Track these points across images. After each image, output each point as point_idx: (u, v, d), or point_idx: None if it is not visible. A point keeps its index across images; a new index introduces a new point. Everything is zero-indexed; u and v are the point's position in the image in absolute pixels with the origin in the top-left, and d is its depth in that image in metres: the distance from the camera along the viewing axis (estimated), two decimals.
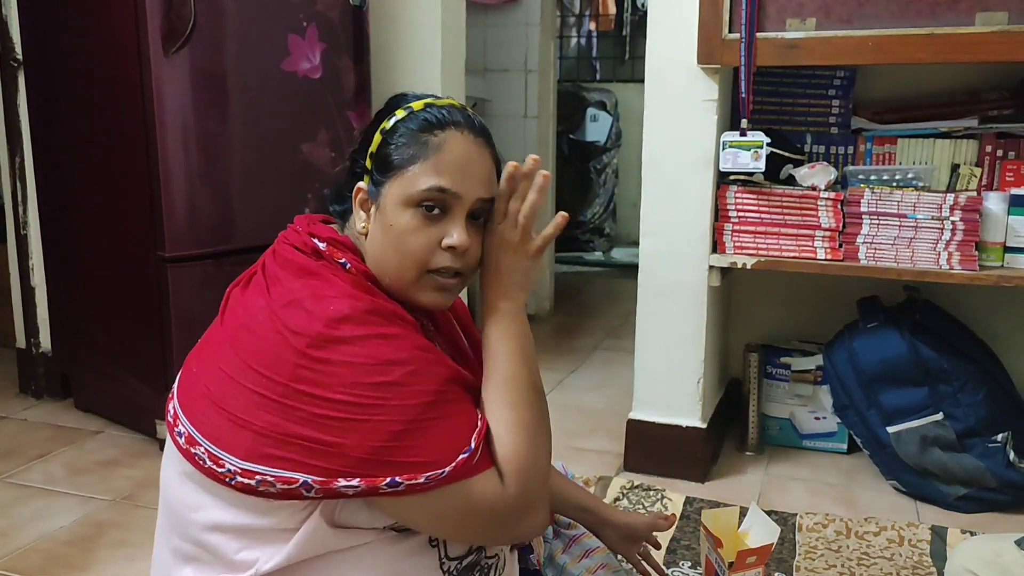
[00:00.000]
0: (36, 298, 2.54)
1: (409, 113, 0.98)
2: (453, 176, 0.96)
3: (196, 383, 0.95)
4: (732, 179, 1.95)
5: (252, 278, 1.00)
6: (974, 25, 1.70)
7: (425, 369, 0.90)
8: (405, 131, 0.97)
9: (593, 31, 5.57)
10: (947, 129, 2.00)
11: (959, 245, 1.80)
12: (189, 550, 0.95)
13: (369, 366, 0.87)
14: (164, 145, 1.97)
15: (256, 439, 0.88)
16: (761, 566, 1.38)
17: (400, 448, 0.87)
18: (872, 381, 1.97)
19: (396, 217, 0.96)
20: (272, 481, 0.87)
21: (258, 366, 0.89)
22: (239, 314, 0.96)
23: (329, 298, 0.91)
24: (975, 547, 1.34)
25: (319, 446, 0.86)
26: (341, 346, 0.88)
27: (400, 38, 2.50)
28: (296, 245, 0.99)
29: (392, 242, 0.96)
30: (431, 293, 0.98)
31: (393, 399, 0.87)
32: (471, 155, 0.97)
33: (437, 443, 0.88)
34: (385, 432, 0.86)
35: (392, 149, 0.97)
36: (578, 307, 3.90)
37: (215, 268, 2.09)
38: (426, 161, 0.95)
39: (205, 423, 0.92)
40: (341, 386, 0.87)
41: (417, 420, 0.88)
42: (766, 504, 1.91)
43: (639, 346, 2.09)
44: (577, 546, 1.28)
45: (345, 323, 0.89)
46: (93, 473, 2.06)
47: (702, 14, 1.86)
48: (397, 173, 0.96)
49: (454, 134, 0.97)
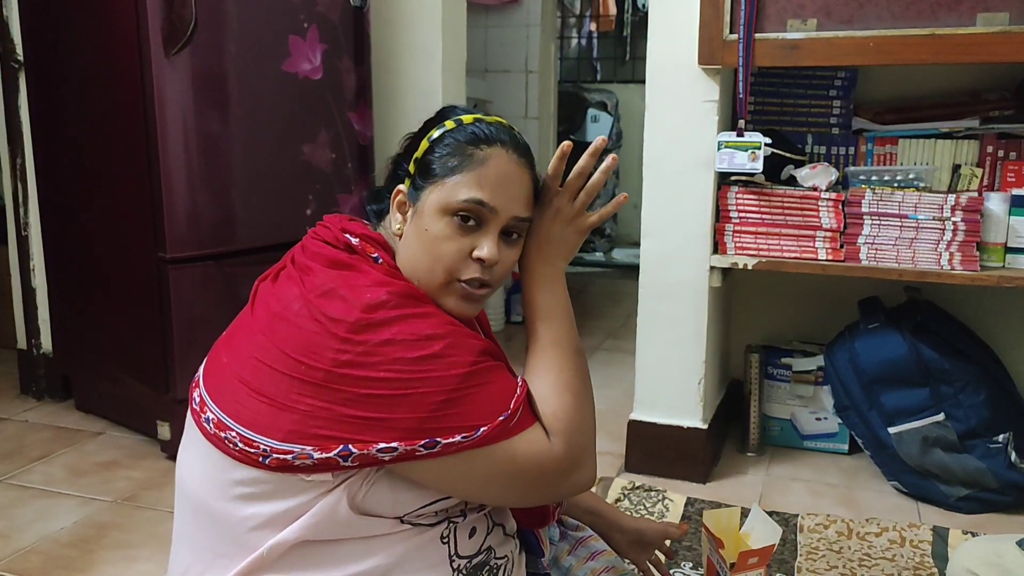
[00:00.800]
0: (37, 299, 2.54)
1: (458, 125, 1.01)
2: (493, 191, 0.98)
3: (226, 371, 0.97)
4: (733, 180, 1.95)
5: (281, 272, 1.02)
6: (975, 26, 1.70)
7: (462, 342, 0.93)
8: (452, 141, 1.00)
9: (594, 32, 5.56)
10: (948, 130, 2.00)
11: (960, 246, 1.80)
12: (216, 543, 0.95)
13: (410, 342, 0.90)
14: (165, 146, 1.97)
15: (300, 420, 0.89)
16: (763, 567, 1.38)
17: (444, 416, 0.89)
18: (873, 382, 1.97)
19: (432, 223, 0.99)
20: (310, 453, 0.88)
21: (296, 354, 0.91)
22: (272, 304, 0.98)
23: (364, 287, 0.94)
24: (977, 548, 1.34)
25: (366, 423, 0.88)
26: (381, 328, 0.90)
27: (401, 39, 2.50)
28: (328, 240, 1.01)
29: (425, 246, 0.99)
30: (457, 301, 1.01)
31: (435, 371, 0.90)
32: (512, 173, 1.00)
33: (478, 408, 0.91)
34: (430, 403, 0.89)
35: (437, 157, 1.00)
36: (579, 308, 3.87)
37: (216, 269, 2.09)
38: (469, 173, 0.98)
39: (239, 409, 0.93)
40: (384, 364, 0.89)
41: (459, 389, 0.90)
42: (767, 505, 1.91)
43: (640, 347, 2.09)
44: (583, 548, 1.28)
45: (382, 308, 0.92)
46: (94, 474, 2.06)
47: (703, 15, 1.86)
48: (438, 181, 0.99)
49: (499, 151, 0.99)
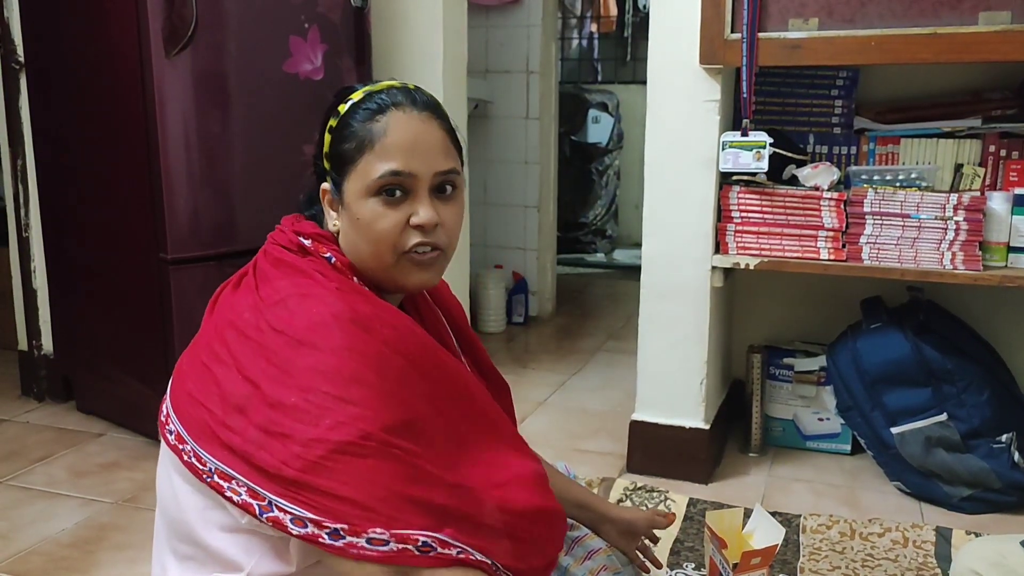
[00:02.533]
0: (38, 300, 2.54)
1: (350, 106, 0.99)
2: (405, 156, 0.96)
3: (185, 382, 0.96)
4: (735, 179, 1.95)
5: (243, 279, 1.01)
6: (977, 25, 1.69)
7: (385, 404, 0.87)
8: (348, 124, 0.98)
9: (594, 33, 5.56)
10: (950, 129, 1.99)
11: (963, 245, 1.80)
12: (185, 550, 0.96)
13: (330, 375, 0.86)
14: (166, 147, 1.97)
15: (232, 440, 0.88)
16: (765, 567, 1.37)
17: (327, 470, 0.83)
18: (876, 382, 1.96)
19: (360, 209, 0.97)
20: (238, 489, 0.86)
21: (236, 365, 0.90)
22: (226, 311, 0.97)
23: (315, 299, 0.91)
24: (980, 548, 1.34)
25: (260, 449, 0.85)
26: (311, 351, 0.87)
27: (402, 39, 2.50)
28: (283, 244, 1.00)
29: (362, 233, 0.97)
30: (413, 274, 0.99)
31: (334, 414, 0.84)
32: (418, 132, 0.97)
33: (347, 488, 0.83)
34: (306, 459, 0.83)
35: (341, 145, 0.98)
36: (580, 309, 3.89)
37: (217, 270, 2.08)
38: (373, 149, 0.96)
39: (190, 421, 0.92)
40: (298, 389, 0.86)
41: (343, 450, 0.84)
42: (769, 505, 1.91)
43: (642, 347, 2.08)
44: (580, 547, 1.27)
45: (322, 328, 0.88)
46: (95, 476, 2.06)
47: (704, 14, 1.85)
48: (351, 168, 0.97)
49: (395, 115, 0.97)
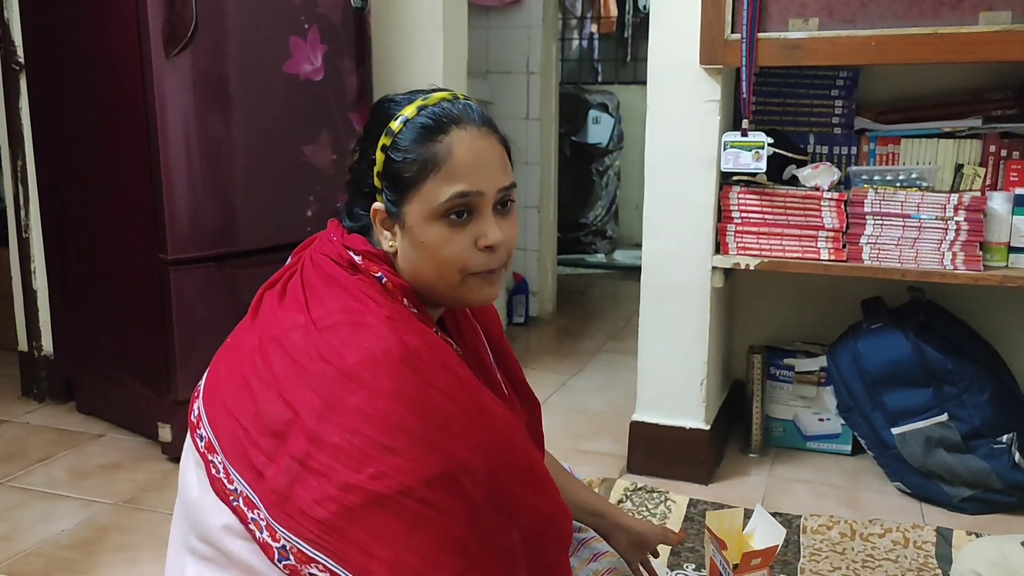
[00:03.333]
0: (38, 301, 2.54)
1: (404, 123, 0.94)
2: (470, 177, 0.93)
3: (221, 389, 0.94)
4: (735, 180, 1.94)
5: (288, 283, 0.98)
6: (978, 25, 1.69)
7: (427, 455, 0.85)
8: (407, 144, 0.93)
9: (595, 33, 5.55)
10: (951, 129, 1.99)
11: (963, 245, 1.80)
12: (205, 551, 0.94)
13: (377, 421, 0.84)
14: (166, 147, 1.97)
15: (265, 463, 0.87)
16: (766, 568, 1.37)
17: (362, 521, 0.82)
18: (876, 382, 1.96)
19: (425, 233, 0.94)
20: (260, 522, 0.86)
21: (277, 387, 0.88)
22: (273, 326, 0.93)
23: (366, 329, 0.88)
24: (981, 549, 1.33)
25: (294, 483, 0.84)
26: (360, 390, 0.85)
27: (402, 40, 2.50)
28: (333, 257, 0.97)
29: (427, 257, 0.95)
30: (478, 291, 0.97)
31: (377, 463, 0.83)
32: (480, 149, 0.94)
33: (380, 549, 0.82)
34: (342, 504, 0.82)
35: (400, 166, 0.94)
36: (580, 310, 3.89)
37: (217, 271, 2.08)
38: (439, 172, 0.92)
39: (223, 433, 0.91)
40: (342, 429, 0.84)
41: (380, 502, 0.82)
42: (770, 506, 1.90)
43: (642, 348, 2.08)
44: (586, 549, 1.27)
45: (372, 365, 0.86)
46: (95, 477, 2.06)
47: (704, 14, 1.85)
48: (413, 191, 0.93)
49: (458, 134, 0.93)
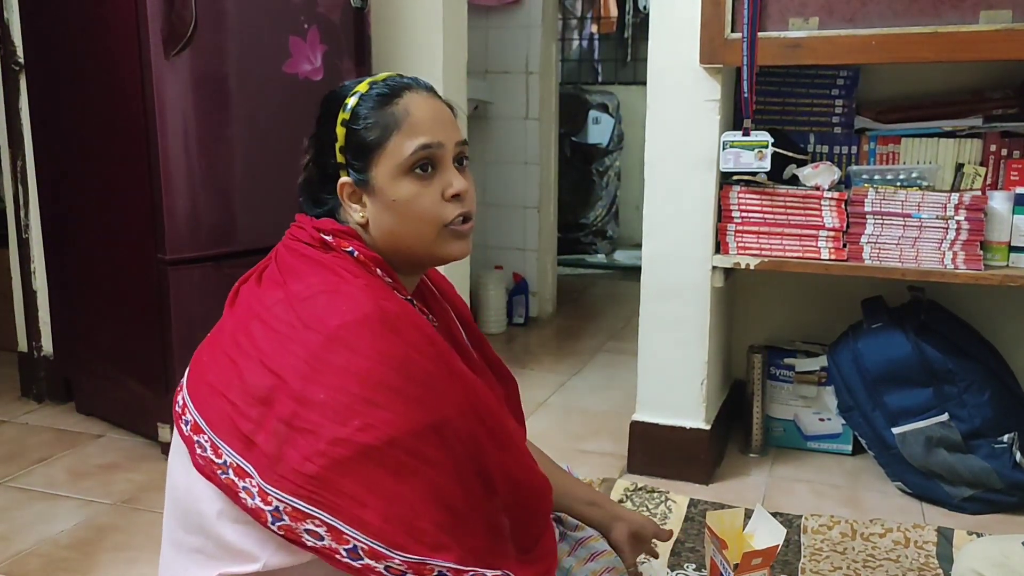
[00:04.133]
0: (38, 301, 2.54)
1: (360, 97, 1.01)
2: (431, 130, 1.00)
3: (206, 373, 0.97)
4: (735, 179, 1.94)
5: (263, 272, 1.02)
6: (978, 23, 1.69)
7: (412, 409, 0.89)
8: (366, 112, 1.00)
9: (595, 33, 5.55)
10: (951, 128, 1.99)
11: (964, 245, 1.79)
12: (194, 542, 0.95)
13: (360, 376, 0.87)
14: (165, 147, 1.97)
15: (252, 430, 0.89)
16: (766, 568, 1.37)
17: (352, 472, 0.85)
18: (877, 382, 1.96)
19: (396, 190, 0.99)
20: (252, 490, 0.87)
21: (261, 357, 0.91)
22: (253, 305, 0.97)
23: (344, 295, 0.93)
24: (982, 549, 1.33)
25: (283, 443, 0.87)
26: (343, 351, 0.88)
27: (401, 40, 2.49)
28: (304, 240, 1.01)
29: (401, 214, 1.00)
30: (453, 244, 1.02)
31: (363, 415, 0.87)
32: (434, 107, 1.02)
33: (373, 498, 0.86)
34: (330, 458, 0.85)
35: (363, 133, 1.00)
36: (580, 310, 3.89)
37: (216, 271, 2.08)
38: (400, 129, 0.99)
39: (209, 410, 0.93)
40: (327, 387, 0.87)
41: (367, 454, 0.86)
42: (770, 506, 1.90)
43: (642, 347, 2.08)
44: (583, 549, 1.26)
45: (353, 328, 0.89)
46: (94, 477, 2.05)
47: (705, 14, 1.85)
48: (378, 151, 0.99)
49: (411, 95, 1.01)
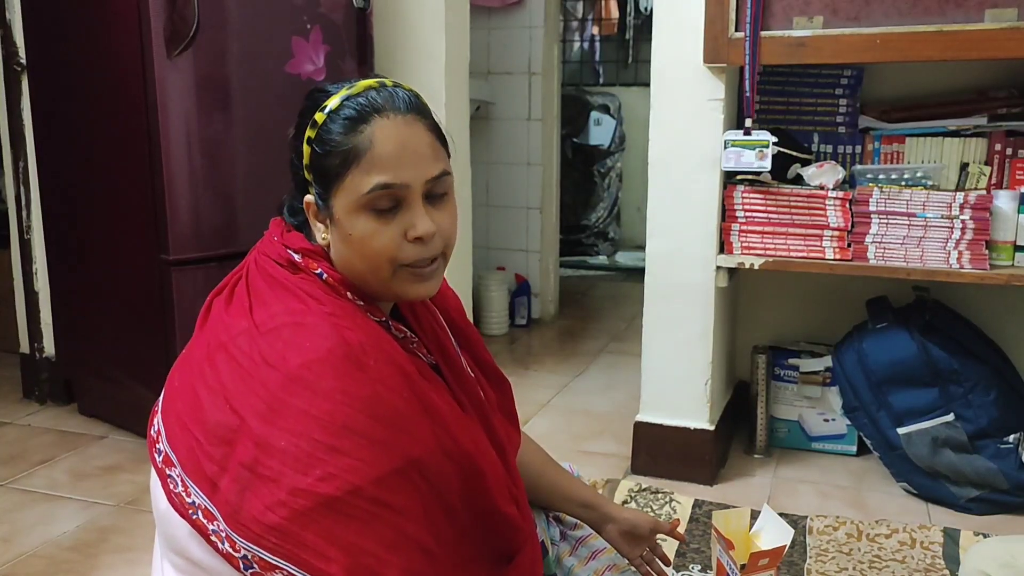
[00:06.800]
0: (40, 303, 2.54)
1: (328, 115, 0.92)
2: (394, 167, 0.90)
3: (176, 401, 0.93)
4: (739, 179, 1.94)
5: (235, 289, 0.97)
6: (983, 22, 1.68)
7: (378, 453, 0.83)
8: (329, 136, 0.91)
9: (596, 35, 5.56)
10: (956, 127, 1.98)
11: (969, 244, 1.79)
12: (179, 563, 0.93)
13: (323, 423, 0.82)
14: (167, 148, 1.97)
15: (217, 472, 0.85)
16: (773, 568, 1.36)
17: (314, 524, 0.81)
18: (882, 382, 1.95)
19: (352, 225, 0.92)
20: (220, 533, 0.84)
21: (224, 393, 0.87)
22: (220, 332, 0.93)
23: (308, 329, 0.87)
24: (989, 549, 1.32)
25: (245, 489, 0.83)
26: (304, 392, 0.84)
27: (404, 40, 2.49)
28: (274, 258, 0.96)
29: (356, 250, 0.93)
30: (412, 286, 0.95)
31: (330, 464, 0.81)
32: (404, 138, 0.91)
33: (341, 543, 0.81)
34: (293, 508, 0.81)
35: (324, 159, 0.92)
36: (583, 311, 3.88)
37: (219, 271, 2.06)
38: (359, 163, 0.90)
39: (179, 446, 0.89)
40: (289, 432, 0.83)
41: (336, 503, 0.81)
42: (775, 507, 1.89)
43: (646, 348, 2.07)
44: (584, 548, 1.26)
45: (315, 366, 0.84)
46: (96, 478, 2.05)
47: (708, 13, 1.85)
48: (337, 184, 0.91)
49: (379, 123, 0.91)
